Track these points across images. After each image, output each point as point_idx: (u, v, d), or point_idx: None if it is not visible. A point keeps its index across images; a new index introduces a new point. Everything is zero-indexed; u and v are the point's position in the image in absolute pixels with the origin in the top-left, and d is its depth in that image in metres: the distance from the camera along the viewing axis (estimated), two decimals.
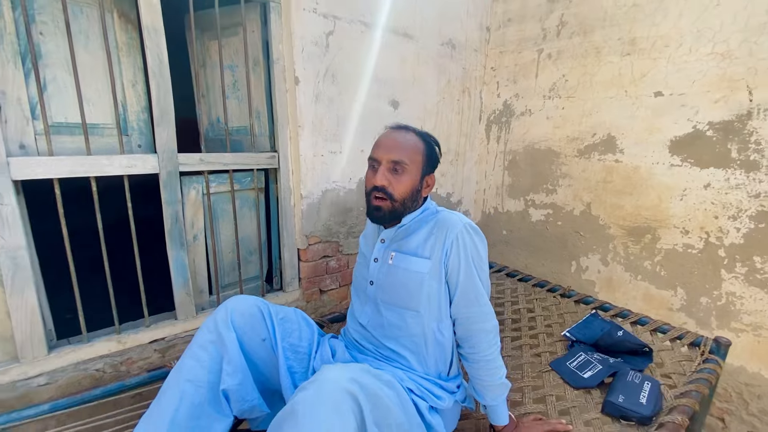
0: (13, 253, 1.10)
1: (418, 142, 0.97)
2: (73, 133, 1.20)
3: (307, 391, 0.68)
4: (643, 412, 1.02)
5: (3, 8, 1.06)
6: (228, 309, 0.94)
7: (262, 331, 0.96)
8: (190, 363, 0.87)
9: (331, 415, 0.64)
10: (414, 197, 0.97)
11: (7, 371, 1.14)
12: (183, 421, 0.82)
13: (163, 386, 0.86)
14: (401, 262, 0.98)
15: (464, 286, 0.95)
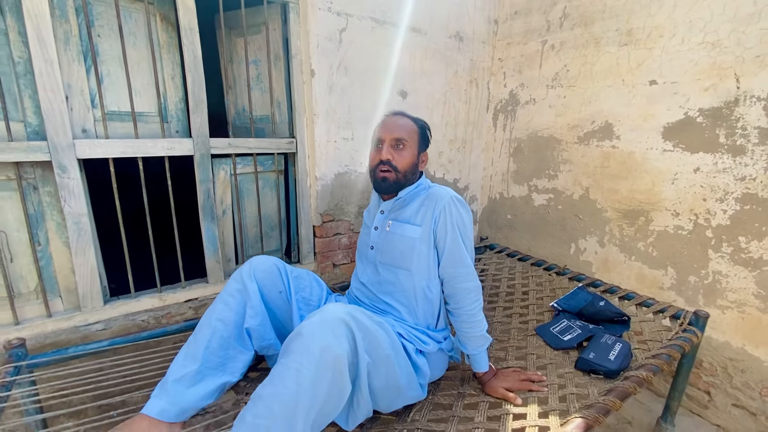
0: (77, 219, 1.33)
1: (413, 124, 1.17)
2: (124, 120, 1.42)
3: (311, 318, 0.85)
4: (610, 366, 1.14)
5: (69, 15, 1.28)
6: (252, 265, 1.12)
7: (279, 285, 1.15)
8: (220, 306, 1.06)
9: (329, 335, 0.81)
10: (413, 170, 1.16)
11: (72, 317, 1.38)
12: (214, 350, 1.01)
13: (198, 324, 1.05)
14: (397, 229, 1.16)
15: (450, 249, 1.11)
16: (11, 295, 1.28)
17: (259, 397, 0.79)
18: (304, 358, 0.79)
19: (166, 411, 0.91)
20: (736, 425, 1.57)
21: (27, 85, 1.24)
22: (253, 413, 0.78)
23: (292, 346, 0.82)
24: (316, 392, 0.78)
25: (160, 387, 0.95)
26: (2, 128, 1.20)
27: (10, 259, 1.28)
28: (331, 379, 0.80)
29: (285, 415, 0.77)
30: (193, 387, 0.96)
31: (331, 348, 0.80)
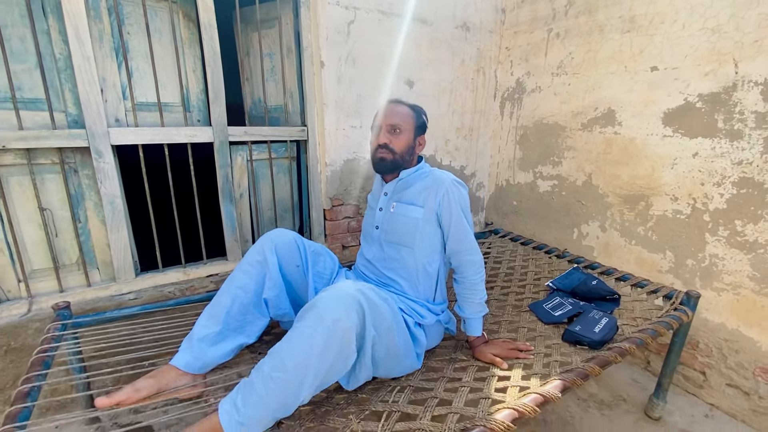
0: (112, 199, 1.49)
1: (409, 111, 1.25)
2: (151, 110, 1.56)
3: (326, 292, 0.95)
4: (594, 338, 1.22)
5: (103, 15, 1.42)
6: (273, 239, 1.21)
7: (296, 259, 1.25)
8: (240, 275, 1.17)
9: (341, 309, 0.90)
10: (410, 152, 1.25)
11: (108, 287, 1.55)
12: (235, 315, 1.14)
13: (221, 289, 1.17)
14: (400, 210, 1.25)
15: (456, 229, 1.22)
16: (57, 266, 1.46)
17: (275, 352, 0.89)
18: (318, 326, 0.88)
19: (191, 364, 1.06)
20: (730, 404, 1.62)
21: (67, 79, 1.39)
22: (269, 365, 0.88)
23: (308, 315, 0.91)
24: (325, 356, 0.88)
25: (186, 342, 1.08)
26: (47, 117, 1.36)
27: (56, 234, 1.45)
28: (339, 347, 0.89)
29: (297, 371, 0.87)
30: (215, 346, 1.10)
31: (342, 320, 0.89)
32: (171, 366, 1.05)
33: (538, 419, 1.56)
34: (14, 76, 1.30)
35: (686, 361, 1.74)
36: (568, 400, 1.67)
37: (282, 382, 0.87)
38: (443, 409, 0.99)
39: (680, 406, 1.67)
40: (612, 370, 1.89)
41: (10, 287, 1.41)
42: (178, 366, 1.04)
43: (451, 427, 0.92)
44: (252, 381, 0.89)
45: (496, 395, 1.03)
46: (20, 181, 1.36)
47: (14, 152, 1.32)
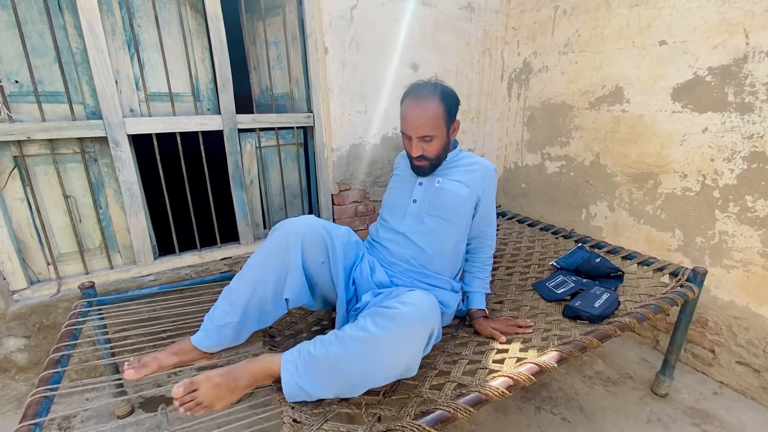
0: (129, 186, 1.57)
1: (438, 107, 1.14)
2: (163, 100, 1.63)
3: (410, 308, 0.92)
4: (593, 312, 1.24)
5: (114, 9, 1.48)
6: (301, 233, 1.12)
7: (322, 256, 1.17)
8: (261, 267, 1.11)
9: (421, 335, 0.94)
10: (446, 148, 1.25)
11: (129, 270, 1.64)
12: (254, 307, 1.10)
13: (241, 275, 1.12)
14: (447, 185, 1.26)
15: (487, 211, 1.31)
16: (82, 250, 1.56)
17: (350, 348, 0.89)
18: (398, 345, 0.90)
19: (211, 347, 1.09)
20: (740, 381, 1.61)
21: (84, 72, 1.46)
22: (341, 357, 0.89)
23: (391, 325, 0.90)
24: (396, 369, 0.92)
25: (209, 323, 1.08)
26: (67, 109, 1.44)
27: (79, 219, 1.54)
28: (405, 368, 0.94)
29: (365, 377, 0.89)
30: (233, 332, 1.09)
31: (418, 347, 0.94)
32: (192, 344, 1.07)
33: (543, 396, 1.59)
34: (35, 71, 1.38)
35: (695, 339, 1.73)
36: (574, 377, 1.70)
37: (345, 377, 0.89)
38: (442, 378, 1.04)
39: (688, 384, 1.67)
40: (620, 349, 1.90)
41: (41, 270, 1.51)
42: (199, 347, 1.07)
43: (448, 394, 0.96)
44: (317, 359, 0.91)
45: (494, 366, 1.06)
46: (45, 170, 1.45)
47: (38, 143, 1.41)
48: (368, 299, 1.16)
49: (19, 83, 1.37)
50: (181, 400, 0.87)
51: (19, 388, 1.50)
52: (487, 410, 1.51)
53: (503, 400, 1.53)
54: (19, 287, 1.45)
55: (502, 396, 0.93)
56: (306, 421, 0.88)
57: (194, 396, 0.88)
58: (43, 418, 0.83)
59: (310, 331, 1.35)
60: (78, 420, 1.49)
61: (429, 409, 0.88)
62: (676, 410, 1.53)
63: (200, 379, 0.90)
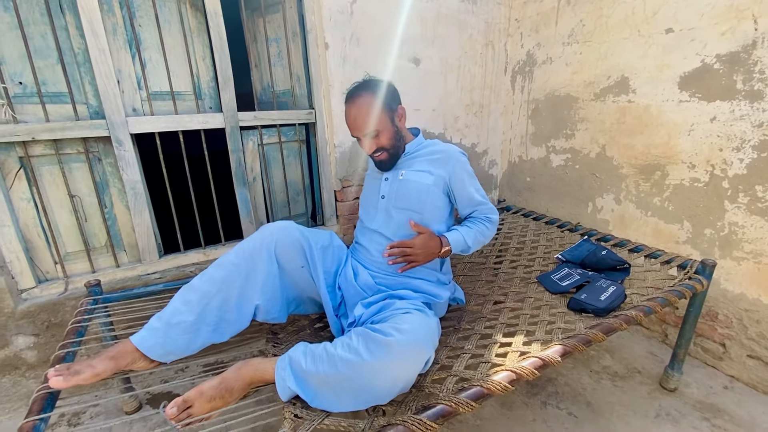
0: (133, 185, 1.58)
1: (372, 101, 1.17)
2: (165, 99, 1.63)
3: (406, 336, 0.90)
4: (599, 305, 1.22)
5: (115, 9, 1.49)
6: (276, 239, 1.13)
7: (301, 260, 1.19)
8: (230, 267, 1.09)
9: (416, 364, 0.92)
10: (399, 135, 1.26)
11: (134, 268, 1.66)
12: (213, 309, 1.06)
13: (205, 273, 1.11)
14: (411, 176, 1.27)
15: (465, 192, 1.27)
16: (88, 249, 1.57)
17: (342, 371, 0.86)
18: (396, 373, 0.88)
19: (154, 349, 0.99)
20: (751, 375, 1.58)
21: (86, 72, 1.47)
22: (334, 379, 0.86)
23: (386, 356, 0.87)
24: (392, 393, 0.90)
25: (156, 321, 1.01)
26: (70, 110, 1.45)
27: (85, 219, 1.56)
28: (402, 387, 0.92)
29: (359, 398, 0.87)
30: (185, 335, 1.03)
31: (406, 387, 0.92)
32: (132, 345, 0.98)
33: (549, 390, 1.58)
34: (38, 72, 1.39)
35: (705, 332, 1.70)
36: (580, 372, 1.68)
37: (335, 394, 0.87)
38: (443, 372, 1.03)
39: (698, 378, 1.64)
40: (627, 343, 1.87)
41: (48, 269, 1.53)
42: (141, 348, 0.98)
43: (450, 388, 0.95)
44: (306, 373, 0.89)
45: (496, 359, 1.05)
46: (50, 170, 1.47)
47: (43, 143, 1.43)
48: (360, 312, 1.13)
49: (23, 84, 1.39)
50: (177, 419, 0.85)
51: (29, 385, 1.53)
52: (492, 405, 1.50)
53: (508, 394, 1.53)
54: (27, 286, 1.48)
55: (504, 390, 0.92)
56: (307, 416, 0.88)
57: (190, 413, 0.86)
58: (48, 413, 0.84)
59: (313, 327, 1.35)
60: (87, 416, 1.51)
61: (431, 403, 0.88)
62: (686, 405, 1.50)
63: (193, 396, 0.88)
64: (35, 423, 0.80)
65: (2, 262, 1.41)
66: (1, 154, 1.38)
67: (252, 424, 0.91)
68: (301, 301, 1.31)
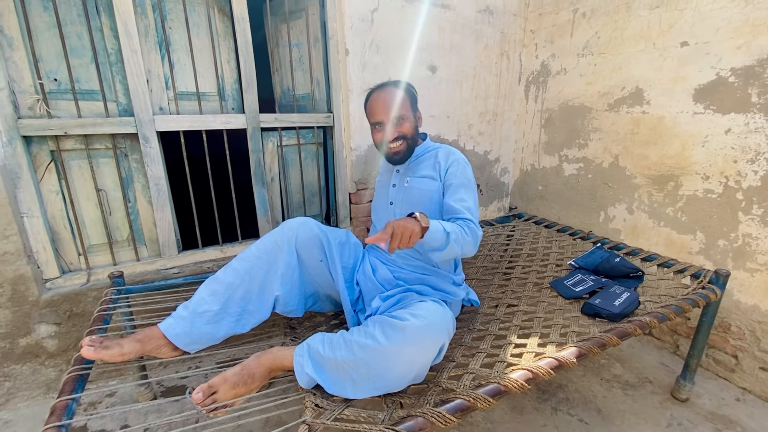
0: (157, 181, 1.63)
1: (398, 91, 1.21)
2: (190, 99, 1.69)
3: (422, 321, 0.93)
4: (613, 310, 1.23)
5: (148, 12, 1.55)
6: (297, 233, 1.17)
7: (320, 254, 1.22)
8: (253, 260, 1.13)
9: (434, 344, 0.95)
10: (417, 130, 1.28)
11: (154, 262, 1.70)
12: (237, 300, 1.10)
13: (230, 265, 1.14)
14: (415, 184, 1.28)
15: (450, 199, 1.19)
16: (111, 242, 1.62)
17: (358, 355, 0.90)
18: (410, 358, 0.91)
19: (180, 337, 1.03)
20: (763, 388, 1.57)
21: (118, 71, 1.53)
22: (349, 363, 0.90)
23: (401, 338, 0.90)
24: (405, 379, 0.93)
25: (183, 310, 1.06)
26: (101, 107, 1.51)
27: (109, 212, 1.61)
28: (417, 373, 0.95)
29: (375, 382, 0.90)
30: (210, 325, 1.06)
31: (428, 356, 0.95)
32: (159, 331, 1.02)
33: (560, 397, 1.58)
34: (73, 70, 1.45)
35: (717, 344, 1.70)
36: (591, 380, 1.68)
37: (352, 380, 0.90)
38: (460, 370, 1.05)
39: (710, 390, 1.64)
40: (638, 353, 1.87)
41: (72, 260, 1.58)
42: (168, 335, 1.02)
43: (466, 384, 0.97)
44: (325, 359, 0.92)
45: (512, 359, 1.07)
46: (79, 164, 1.52)
47: (74, 138, 1.48)
48: (378, 304, 1.16)
49: (58, 81, 1.45)
50: (203, 404, 0.88)
51: (48, 373, 1.56)
52: (503, 409, 1.51)
53: (519, 399, 1.54)
54: (51, 276, 1.52)
55: (521, 388, 0.94)
56: (328, 406, 0.90)
57: (214, 398, 0.90)
58: (79, 393, 0.87)
59: (330, 324, 1.37)
60: (103, 405, 1.54)
61: (449, 398, 0.90)
62: (697, 415, 1.50)
63: (217, 382, 0.91)
64: (68, 402, 0.83)
65: (29, 251, 1.45)
66: (34, 147, 1.43)
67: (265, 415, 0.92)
68: (318, 297, 1.33)
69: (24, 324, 1.47)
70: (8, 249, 1.39)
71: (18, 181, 1.39)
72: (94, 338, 0.96)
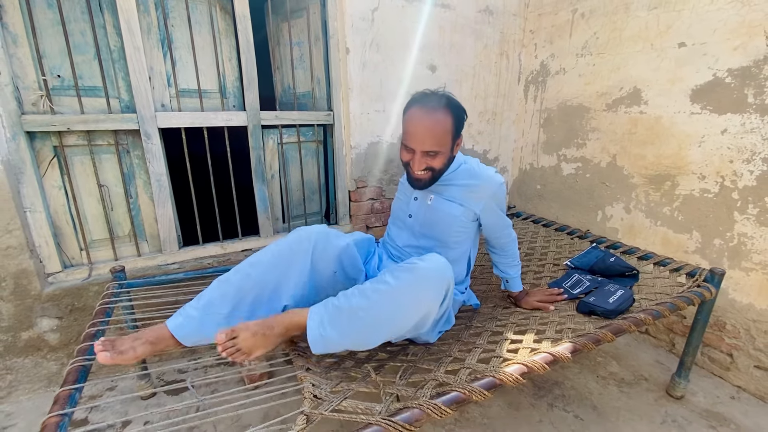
0: (158, 177, 1.64)
1: (446, 120, 1.07)
2: (192, 96, 1.70)
3: (427, 263, 1.00)
4: (608, 307, 1.25)
5: (150, 10, 1.57)
6: (312, 242, 1.14)
7: (334, 266, 1.19)
8: (266, 266, 1.11)
9: (438, 285, 1.01)
10: (449, 164, 1.19)
11: (155, 257, 1.71)
12: (247, 304, 1.08)
13: (240, 267, 1.11)
14: (439, 205, 1.23)
15: (499, 223, 1.31)
16: (112, 237, 1.63)
17: (369, 296, 0.97)
18: (417, 293, 0.98)
19: (189, 337, 1.03)
20: (758, 386, 1.58)
21: (120, 68, 1.55)
22: (362, 306, 0.96)
23: (408, 276, 0.98)
24: (411, 318, 0.99)
25: (191, 310, 1.05)
26: (104, 103, 1.52)
27: (111, 208, 1.62)
28: (425, 314, 1.01)
29: (382, 322, 0.97)
30: (218, 326, 1.03)
31: (435, 297, 1.01)
32: (168, 332, 1.03)
33: (556, 393, 1.60)
34: (77, 67, 1.46)
35: (713, 342, 1.71)
36: (587, 377, 1.70)
37: (365, 324, 0.97)
38: (456, 365, 1.06)
39: (705, 388, 1.65)
40: (634, 351, 1.89)
41: (74, 254, 1.59)
42: (177, 336, 1.03)
43: (463, 378, 0.99)
44: (340, 309, 0.98)
45: (507, 354, 1.08)
46: (82, 160, 1.53)
47: (77, 134, 1.50)
48: None
49: (61, 78, 1.46)
50: (224, 345, 0.93)
51: (50, 367, 1.58)
52: (499, 405, 1.52)
53: (515, 396, 1.56)
54: (53, 270, 1.53)
55: (516, 382, 0.95)
56: (326, 397, 0.92)
57: (235, 342, 0.93)
58: (82, 383, 0.89)
59: None
60: (104, 399, 1.55)
61: (445, 390, 0.91)
62: (692, 412, 1.51)
63: (239, 327, 0.96)
64: (71, 392, 0.85)
65: (32, 246, 1.47)
66: (38, 142, 1.45)
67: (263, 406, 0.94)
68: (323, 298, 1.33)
69: (26, 318, 1.49)
70: (11, 243, 1.40)
71: (21, 177, 1.41)
72: (106, 342, 0.95)
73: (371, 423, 0.81)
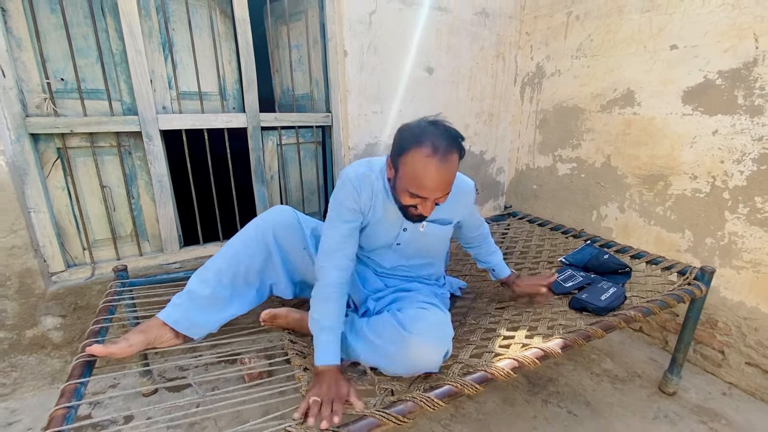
0: (160, 178, 1.68)
1: (456, 159, 0.97)
2: (193, 98, 1.74)
3: (426, 324, 1.02)
4: (599, 304, 1.27)
5: (152, 14, 1.60)
6: (270, 222, 1.20)
7: (302, 241, 1.23)
8: (239, 247, 1.19)
9: (437, 351, 1.00)
10: None
11: (157, 257, 1.74)
12: (226, 284, 1.16)
13: (216, 257, 1.19)
14: (432, 230, 1.19)
15: (476, 222, 1.35)
16: (114, 237, 1.66)
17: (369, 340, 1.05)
18: (414, 359, 0.98)
19: (179, 322, 1.09)
20: (749, 383, 1.61)
21: (122, 71, 1.58)
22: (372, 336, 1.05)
23: (407, 340, 0.98)
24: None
25: (176, 298, 1.13)
26: (106, 106, 1.55)
27: (113, 208, 1.65)
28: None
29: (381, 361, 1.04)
30: (205, 309, 1.13)
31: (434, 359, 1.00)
32: (159, 320, 1.09)
33: (550, 390, 1.63)
34: (79, 70, 1.50)
35: (705, 339, 1.74)
36: (581, 374, 1.72)
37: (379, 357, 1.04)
38: (449, 360, 1.09)
39: (697, 384, 1.68)
40: (628, 349, 1.91)
41: (77, 254, 1.63)
42: (167, 322, 1.08)
43: (455, 372, 1.02)
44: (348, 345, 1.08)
45: (500, 350, 1.11)
46: (84, 162, 1.57)
47: (80, 136, 1.53)
48: (373, 305, 1.21)
49: (65, 81, 1.49)
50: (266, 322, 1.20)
51: (54, 364, 1.61)
52: (494, 401, 1.55)
53: (510, 392, 1.59)
54: (57, 269, 1.57)
55: (507, 376, 0.98)
56: None
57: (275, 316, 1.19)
58: (87, 378, 0.92)
59: None
60: (106, 396, 1.58)
61: (437, 384, 0.94)
62: (684, 408, 1.54)
63: (282, 312, 1.20)
64: (77, 386, 0.88)
65: (36, 245, 1.50)
66: (42, 144, 1.48)
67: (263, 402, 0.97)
68: (306, 285, 1.33)
69: (30, 316, 1.52)
70: (16, 243, 1.43)
71: (26, 178, 1.44)
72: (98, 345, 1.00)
73: (366, 415, 0.84)
